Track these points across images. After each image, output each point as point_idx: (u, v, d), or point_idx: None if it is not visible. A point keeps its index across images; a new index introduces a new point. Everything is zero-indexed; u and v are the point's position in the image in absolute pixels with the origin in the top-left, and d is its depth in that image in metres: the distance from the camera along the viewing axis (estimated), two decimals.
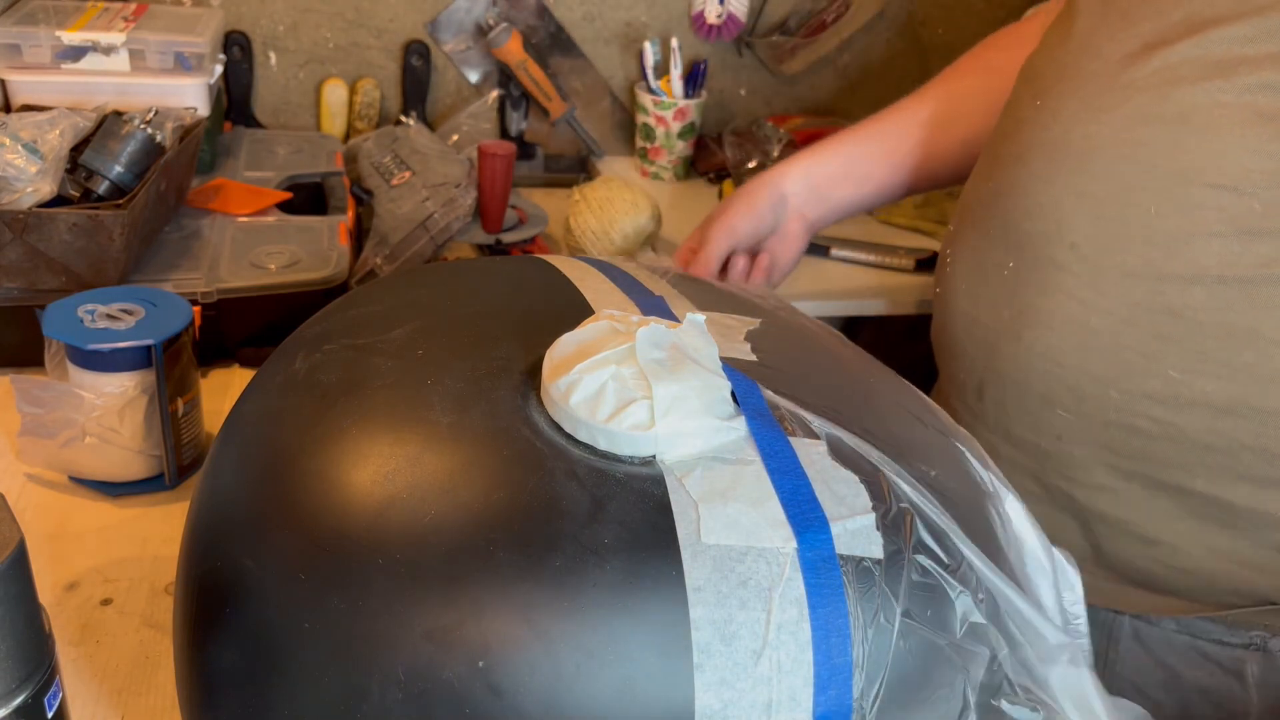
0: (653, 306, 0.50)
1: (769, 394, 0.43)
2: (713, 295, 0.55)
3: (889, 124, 0.87)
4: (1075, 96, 0.61)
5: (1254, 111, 0.54)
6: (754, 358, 0.46)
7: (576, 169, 1.56)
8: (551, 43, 1.49)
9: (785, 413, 0.42)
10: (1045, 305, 0.62)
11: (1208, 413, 0.57)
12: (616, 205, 1.16)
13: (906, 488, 0.40)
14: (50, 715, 0.39)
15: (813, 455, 0.40)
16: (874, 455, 0.41)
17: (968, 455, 0.47)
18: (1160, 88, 0.57)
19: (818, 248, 1.30)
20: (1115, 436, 0.61)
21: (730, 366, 0.43)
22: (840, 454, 0.41)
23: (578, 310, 0.48)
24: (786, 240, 0.86)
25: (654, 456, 0.39)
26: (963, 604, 0.39)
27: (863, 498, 0.39)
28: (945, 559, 0.39)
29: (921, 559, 0.39)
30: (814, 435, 0.41)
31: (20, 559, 0.36)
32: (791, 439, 0.41)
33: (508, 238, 1.21)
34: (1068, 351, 0.61)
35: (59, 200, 0.86)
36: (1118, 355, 0.59)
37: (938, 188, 0.90)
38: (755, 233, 0.85)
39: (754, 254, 0.85)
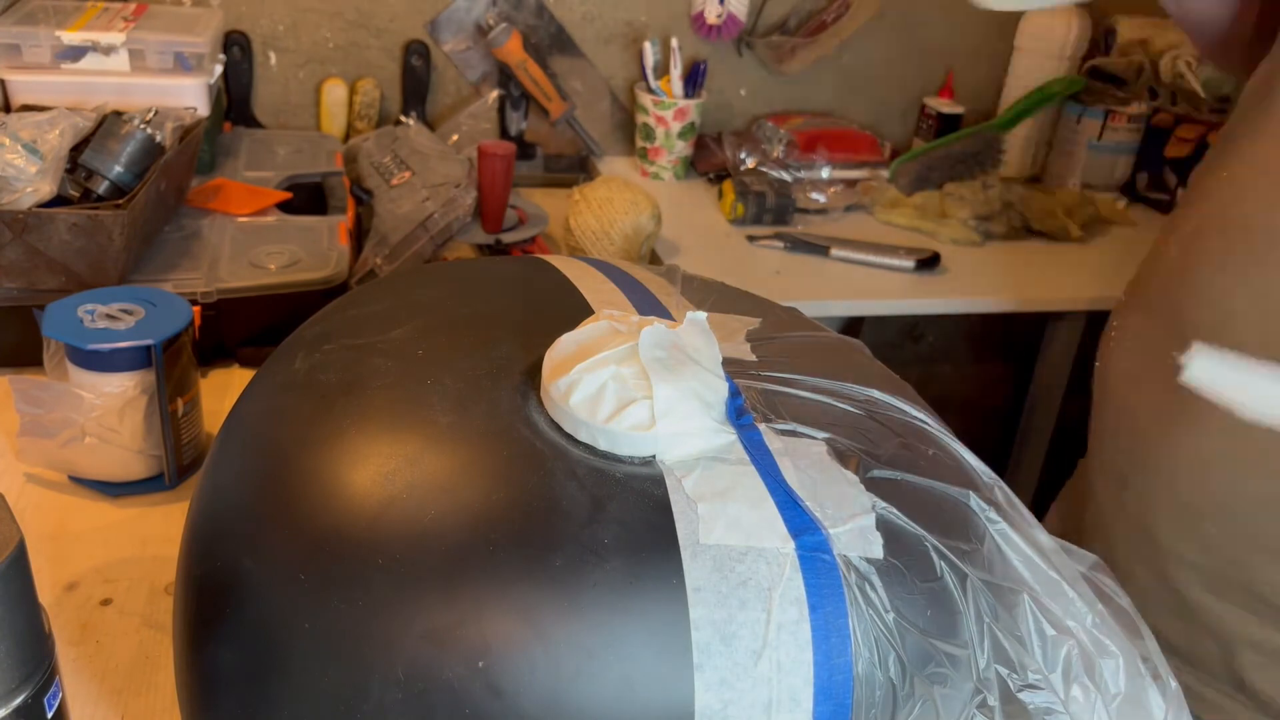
0: (651, 307, 0.50)
1: (768, 389, 0.43)
2: (714, 295, 0.55)
3: None
4: (1267, 178, 0.55)
5: None
6: (754, 358, 0.46)
7: (576, 169, 1.56)
8: (551, 43, 1.49)
9: (784, 410, 0.42)
10: (1203, 406, 0.55)
11: None
12: (616, 205, 1.16)
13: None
14: (50, 715, 0.39)
15: (814, 454, 0.40)
16: (873, 454, 0.41)
17: (964, 457, 0.47)
18: None
19: (817, 247, 1.30)
20: (1272, 565, 0.54)
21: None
22: (840, 454, 0.41)
23: (578, 310, 0.48)
24: None
25: (654, 456, 0.39)
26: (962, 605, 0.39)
27: (863, 498, 0.39)
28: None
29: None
30: (814, 435, 0.41)
31: (20, 559, 0.36)
32: (791, 439, 0.41)
33: (508, 238, 1.21)
34: (1221, 462, 0.54)
35: (59, 200, 0.86)
36: (1278, 476, 0.53)
37: None
38: None
39: None
